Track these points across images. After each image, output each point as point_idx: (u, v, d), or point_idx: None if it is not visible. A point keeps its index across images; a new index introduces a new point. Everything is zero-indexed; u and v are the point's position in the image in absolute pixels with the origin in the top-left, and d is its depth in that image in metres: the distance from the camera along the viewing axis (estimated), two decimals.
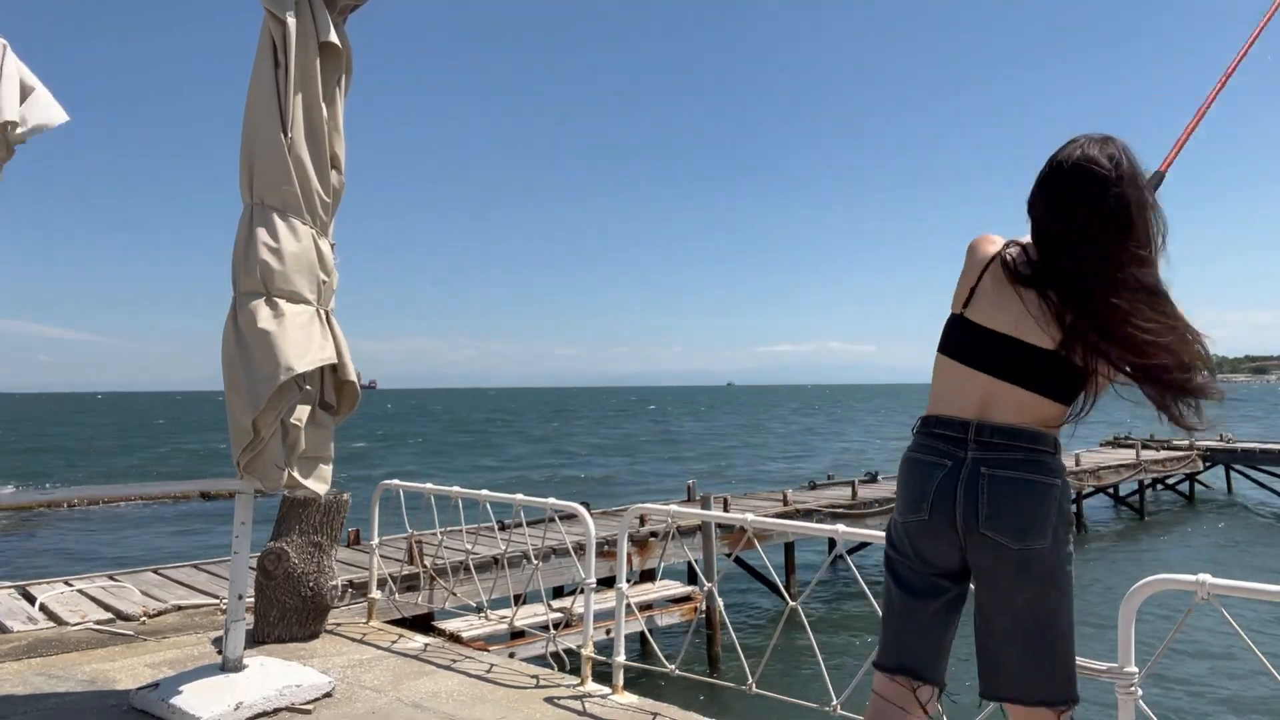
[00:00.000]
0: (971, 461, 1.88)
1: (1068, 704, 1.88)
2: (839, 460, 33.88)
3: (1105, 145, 1.86)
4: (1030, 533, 1.83)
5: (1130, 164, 1.85)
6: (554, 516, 4.57)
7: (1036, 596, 1.86)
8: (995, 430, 1.88)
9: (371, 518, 5.27)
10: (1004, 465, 1.86)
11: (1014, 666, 1.89)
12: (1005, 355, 1.89)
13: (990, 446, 1.88)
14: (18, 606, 5.60)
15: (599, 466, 36.52)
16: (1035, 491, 1.85)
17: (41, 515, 21.65)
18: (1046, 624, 1.87)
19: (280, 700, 3.54)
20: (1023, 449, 1.87)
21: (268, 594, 4.58)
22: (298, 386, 3.48)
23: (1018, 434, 1.87)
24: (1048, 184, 1.89)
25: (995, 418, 1.89)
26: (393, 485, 5.25)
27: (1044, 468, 1.86)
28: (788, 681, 6.10)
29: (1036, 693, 1.87)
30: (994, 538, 1.85)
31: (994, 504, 1.85)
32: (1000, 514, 1.84)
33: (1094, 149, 1.86)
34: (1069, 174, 1.86)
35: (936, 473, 1.92)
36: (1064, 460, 1.93)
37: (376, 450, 44.37)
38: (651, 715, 3.54)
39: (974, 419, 1.90)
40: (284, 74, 3.46)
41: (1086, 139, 1.89)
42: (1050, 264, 1.88)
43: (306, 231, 3.53)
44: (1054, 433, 1.91)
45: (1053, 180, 1.89)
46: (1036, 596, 1.86)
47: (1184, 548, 18.09)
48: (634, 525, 10.49)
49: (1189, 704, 8.82)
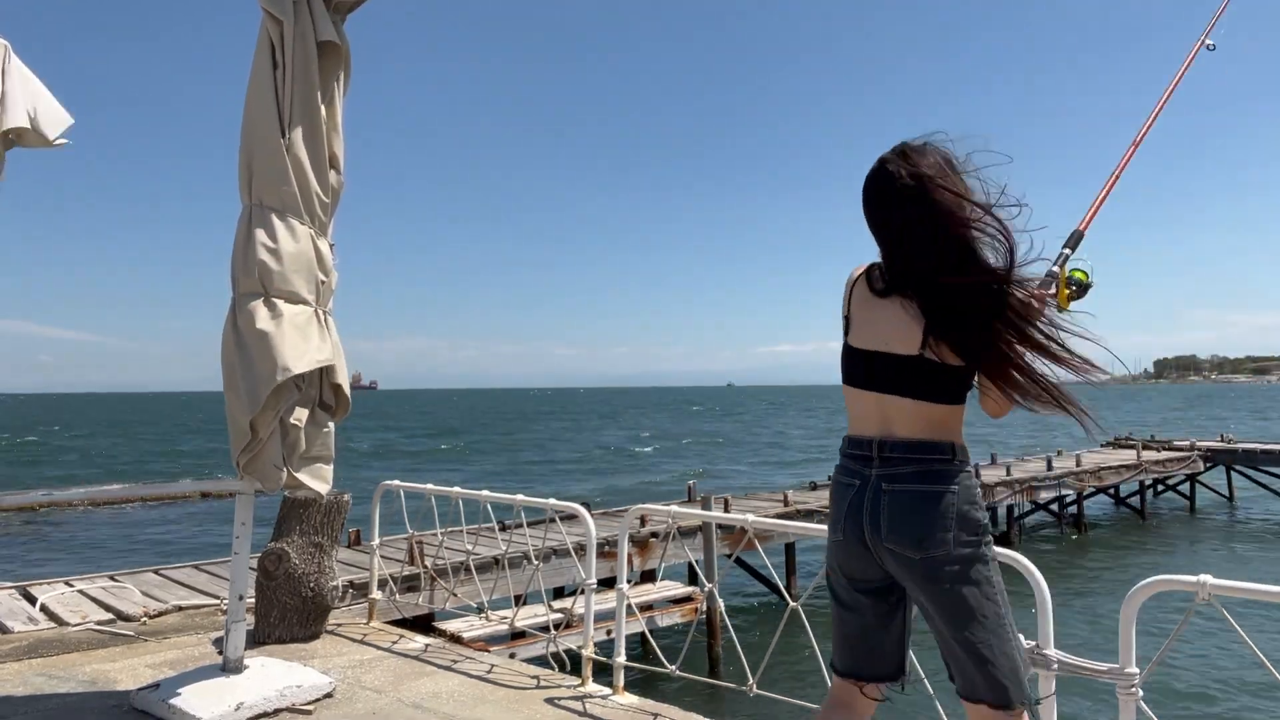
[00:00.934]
0: (875, 479, 1.98)
1: (1008, 707, 1.92)
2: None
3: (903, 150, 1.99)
4: (928, 542, 1.91)
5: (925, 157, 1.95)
6: (555, 517, 4.57)
7: (951, 602, 1.93)
8: (894, 445, 1.97)
9: (372, 518, 5.27)
10: (901, 480, 1.95)
11: (956, 666, 1.98)
12: (883, 370, 1.99)
13: (890, 462, 1.97)
14: (18, 607, 5.60)
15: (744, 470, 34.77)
16: (929, 501, 1.92)
17: (42, 515, 21.66)
18: (968, 627, 1.93)
19: (281, 701, 3.54)
20: (917, 460, 1.95)
21: (268, 594, 4.57)
22: (296, 387, 3.47)
23: (914, 447, 1.95)
24: (863, 198, 2.04)
25: (897, 432, 1.98)
26: (393, 486, 5.24)
27: (938, 477, 1.94)
28: (788, 682, 6.10)
29: (977, 691, 1.95)
30: (897, 550, 1.94)
31: (892, 518, 1.94)
32: (898, 527, 1.93)
33: (890, 155, 1.99)
34: (870, 184, 2.01)
35: (848, 493, 2.03)
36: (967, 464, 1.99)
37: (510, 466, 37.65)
38: (652, 716, 3.54)
39: (876, 437, 1.99)
40: (282, 74, 3.45)
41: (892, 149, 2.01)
42: (893, 271, 2.00)
43: (305, 232, 3.53)
44: (952, 438, 1.97)
45: (864, 194, 2.03)
46: (951, 602, 1.93)
47: (1185, 548, 18.08)
48: (634, 526, 10.49)
49: (1190, 705, 8.82)
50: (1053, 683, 2.57)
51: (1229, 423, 52.50)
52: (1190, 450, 23.03)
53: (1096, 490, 20.29)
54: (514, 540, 8.98)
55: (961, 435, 2.00)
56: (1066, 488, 18.83)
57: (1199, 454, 22.94)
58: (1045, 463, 19.70)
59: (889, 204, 1.97)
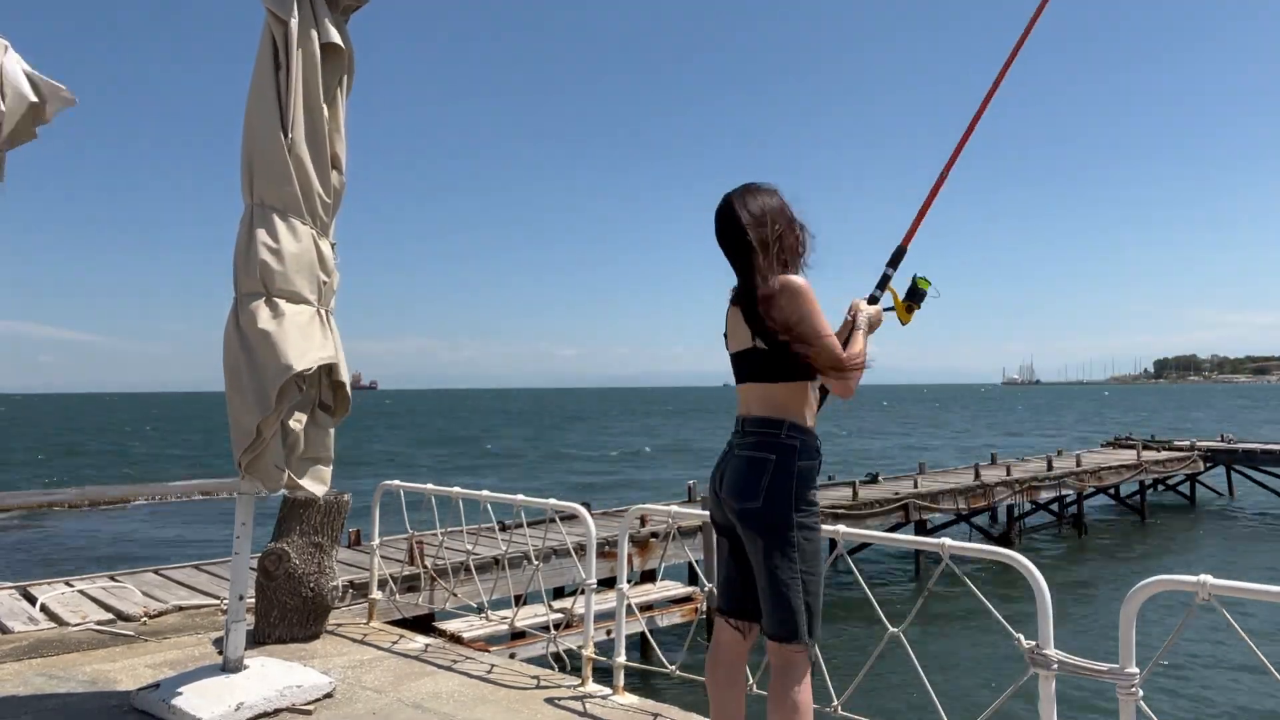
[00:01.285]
0: (734, 447, 2.55)
1: (788, 641, 2.40)
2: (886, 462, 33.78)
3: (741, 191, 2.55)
4: (746, 495, 2.43)
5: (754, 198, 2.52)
6: (554, 517, 4.57)
7: (762, 549, 2.41)
8: (749, 422, 2.52)
9: (372, 518, 5.27)
10: (745, 447, 2.49)
11: (762, 604, 2.46)
12: (739, 365, 2.57)
13: (744, 434, 2.52)
14: (19, 607, 5.61)
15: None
16: (757, 464, 2.44)
17: (42, 515, 21.66)
18: (772, 573, 2.40)
19: (281, 701, 3.54)
20: (758, 433, 2.47)
21: (268, 594, 4.57)
22: (298, 387, 3.47)
23: (759, 423, 2.48)
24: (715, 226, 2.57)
25: (753, 412, 2.51)
26: (393, 486, 5.24)
27: (767, 446, 2.44)
28: None
29: (769, 627, 2.44)
30: (729, 501, 2.49)
31: (730, 476, 2.51)
32: (732, 483, 2.48)
33: (732, 195, 2.55)
34: (717, 216, 2.56)
35: (720, 457, 2.61)
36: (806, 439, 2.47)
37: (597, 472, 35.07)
38: (652, 716, 3.54)
39: (742, 416, 2.56)
40: (285, 75, 3.45)
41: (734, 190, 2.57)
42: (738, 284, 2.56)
43: (307, 232, 3.53)
44: (791, 417, 2.46)
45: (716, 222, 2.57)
46: (762, 549, 2.41)
47: (1185, 548, 18.08)
48: (634, 526, 10.49)
49: (1190, 705, 8.82)
50: (1053, 683, 2.57)
51: (1202, 421, 52.02)
52: (1190, 450, 23.04)
53: (1097, 490, 20.29)
54: (514, 540, 8.99)
55: (804, 417, 2.48)
56: (1067, 488, 18.83)
57: (1199, 454, 22.95)
58: (1045, 463, 19.71)
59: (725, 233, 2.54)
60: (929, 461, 20.86)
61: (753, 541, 2.42)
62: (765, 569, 2.40)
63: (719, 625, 2.65)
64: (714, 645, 2.65)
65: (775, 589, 2.39)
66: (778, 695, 2.42)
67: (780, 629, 2.40)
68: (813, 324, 2.40)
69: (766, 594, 2.41)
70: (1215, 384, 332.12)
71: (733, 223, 2.50)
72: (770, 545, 2.38)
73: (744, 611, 2.58)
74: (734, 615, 2.60)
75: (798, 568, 2.39)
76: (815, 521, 2.47)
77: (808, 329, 2.39)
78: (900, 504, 15.01)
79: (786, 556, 2.38)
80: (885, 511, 14.75)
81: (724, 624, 2.63)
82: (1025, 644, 2.60)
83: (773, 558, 2.38)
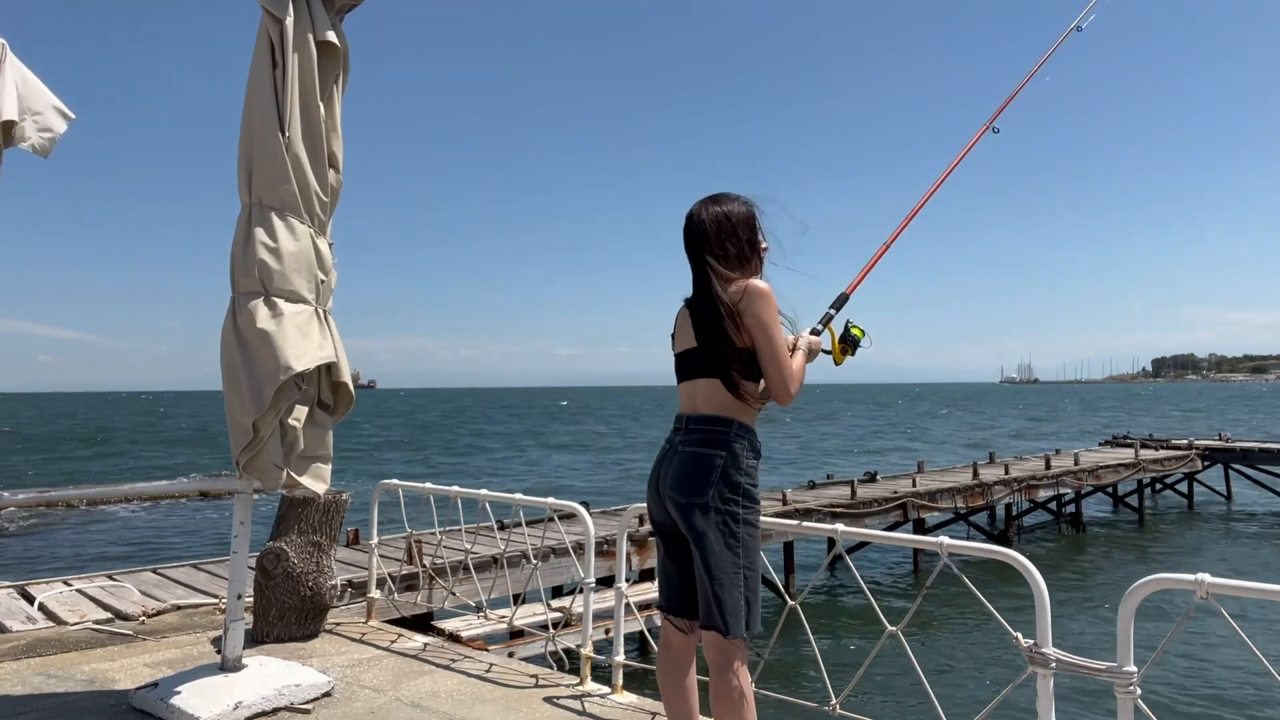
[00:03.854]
0: (677, 444, 2.59)
1: (726, 634, 2.44)
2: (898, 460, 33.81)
3: (707, 200, 2.63)
4: (691, 490, 2.48)
5: (719, 205, 2.60)
6: (553, 516, 4.56)
7: (702, 544, 2.46)
8: (693, 419, 2.57)
9: (371, 517, 5.26)
10: (689, 444, 2.54)
11: (700, 597, 2.50)
12: (683, 364, 2.63)
13: (688, 431, 2.57)
14: (17, 606, 5.61)
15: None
16: (701, 460, 2.50)
17: (41, 515, 21.64)
18: (710, 568, 2.45)
19: (279, 700, 3.54)
20: (703, 431, 2.53)
21: (267, 594, 4.57)
22: (297, 386, 3.47)
23: (704, 420, 2.54)
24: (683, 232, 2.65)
25: (698, 409, 2.57)
26: (392, 485, 5.24)
27: (715, 443, 2.50)
28: (787, 681, 6.11)
29: (706, 619, 2.48)
30: (672, 495, 2.52)
31: (674, 472, 2.54)
32: (676, 479, 2.52)
33: (698, 204, 2.64)
34: (685, 223, 2.64)
35: (660, 454, 2.65)
36: (750, 439, 2.55)
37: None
38: (651, 715, 3.54)
39: (685, 414, 2.61)
40: (282, 73, 3.45)
41: (702, 198, 2.65)
42: (695, 287, 2.63)
43: (305, 231, 3.53)
44: (735, 416, 2.53)
45: (683, 229, 2.65)
46: (702, 544, 2.46)
47: (1183, 547, 18.09)
48: (633, 525, 10.49)
49: (1188, 704, 8.83)
50: (1051, 681, 2.58)
51: (1200, 420, 52.21)
52: (1188, 449, 23.04)
53: (1095, 489, 20.29)
54: (513, 539, 9.00)
55: (750, 418, 2.55)
56: (1065, 486, 18.84)
57: (1197, 453, 22.95)
58: (1043, 461, 19.72)
59: (689, 240, 2.62)
60: (927, 460, 20.88)
61: (697, 537, 2.47)
62: (708, 564, 2.45)
63: (665, 628, 2.70)
64: (663, 648, 2.70)
65: (718, 584, 2.44)
66: (723, 688, 2.48)
67: (721, 623, 2.45)
68: (768, 331, 2.50)
69: (708, 589, 2.46)
70: (1213, 383, 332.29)
71: (697, 227, 2.60)
72: (715, 540, 2.45)
73: (686, 609, 2.62)
74: (676, 614, 2.65)
75: (740, 563, 2.46)
76: (757, 518, 2.54)
77: (762, 335, 2.49)
78: (898, 503, 15.02)
79: (731, 550, 2.45)
80: (883, 510, 14.76)
81: (669, 626, 2.68)
82: (1023, 642, 2.60)
83: (717, 553, 2.44)
